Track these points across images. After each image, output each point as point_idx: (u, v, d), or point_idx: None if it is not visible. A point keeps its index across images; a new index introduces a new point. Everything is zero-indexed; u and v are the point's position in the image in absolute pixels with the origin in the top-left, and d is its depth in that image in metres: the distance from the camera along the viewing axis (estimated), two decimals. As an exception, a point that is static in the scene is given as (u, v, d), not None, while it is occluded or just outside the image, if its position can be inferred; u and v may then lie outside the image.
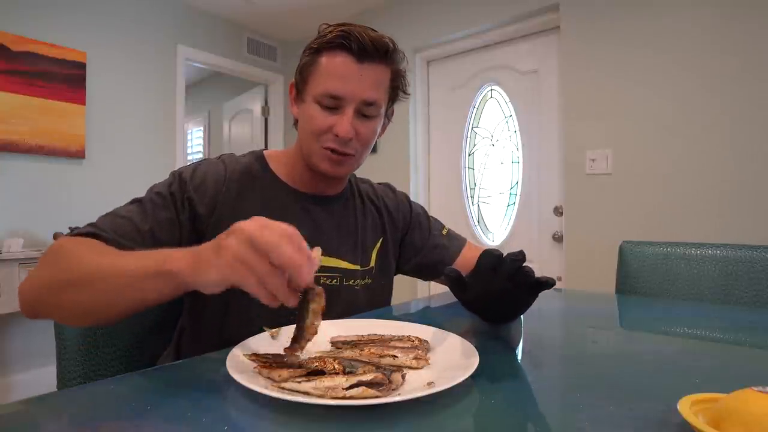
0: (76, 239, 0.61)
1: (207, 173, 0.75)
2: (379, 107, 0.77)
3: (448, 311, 0.89)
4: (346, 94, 0.72)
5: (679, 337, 0.70)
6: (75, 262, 0.55)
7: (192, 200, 0.71)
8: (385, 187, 0.98)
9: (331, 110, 0.74)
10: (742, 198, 1.82)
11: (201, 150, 4.80)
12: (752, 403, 0.31)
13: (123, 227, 0.65)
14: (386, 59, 0.75)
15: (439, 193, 2.96)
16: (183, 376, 0.48)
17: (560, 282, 2.38)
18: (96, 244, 0.60)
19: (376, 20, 3.10)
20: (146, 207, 0.70)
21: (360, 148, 0.77)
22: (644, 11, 2.06)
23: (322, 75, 0.73)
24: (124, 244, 0.63)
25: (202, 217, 0.72)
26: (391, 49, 0.75)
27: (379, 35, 0.74)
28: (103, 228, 0.64)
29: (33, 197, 2.41)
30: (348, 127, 0.72)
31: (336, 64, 0.72)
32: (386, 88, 0.78)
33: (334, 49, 0.73)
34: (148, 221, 0.68)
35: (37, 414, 0.40)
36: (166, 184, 0.73)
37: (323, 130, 0.74)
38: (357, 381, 0.39)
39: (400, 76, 0.80)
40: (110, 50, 2.73)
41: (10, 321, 2.32)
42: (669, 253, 1.15)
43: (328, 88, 0.72)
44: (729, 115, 1.85)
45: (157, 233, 0.68)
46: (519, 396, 0.44)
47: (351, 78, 0.72)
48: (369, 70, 0.73)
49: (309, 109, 0.75)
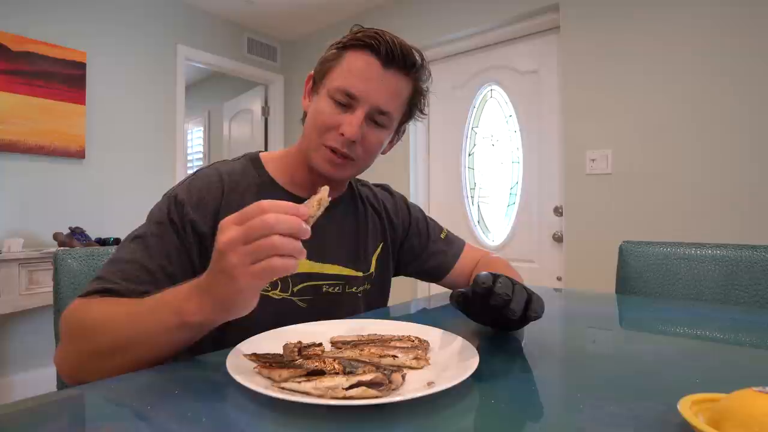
0: (92, 302, 0.59)
1: (202, 189, 0.71)
2: (392, 119, 0.74)
3: (448, 311, 0.88)
4: (362, 94, 0.70)
5: (679, 337, 0.70)
6: (101, 333, 0.54)
7: (194, 222, 0.68)
8: (383, 190, 0.97)
9: (343, 107, 0.71)
10: (742, 198, 1.82)
11: (201, 150, 4.80)
12: (752, 403, 0.31)
13: (132, 273, 0.62)
14: (411, 72, 0.73)
15: (439, 193, 2.96)
16: (183, 376, 0.48)
17: (560, 282, 2.38)
18: (113, 304, 0.57)
19: (376, 20, 3.10)
20: (149, 243, 0.66)
21: (363, 154, 0.74)
22: (644, 11, 2.06)
23: (343, 70, 0.71)
24: (139, 290, 0.60)
25: (206, 235, 0.68)
26: (419, 64, 0.73)
27: (409, 47, 0.72)
28: (113, 280, 0.61)
29: (33, 197, 2.41)
30: (356, 129, 0.70)
31: (359, 62, 0.70)
32: (404, 101, 0.75)
33: (362, 49, 0.70)
34: (155, 259, 0.64)
35: (37, 414, 0.40)
36: (163, 211, 0.69)
37: (330, 126, 0.71)
38: (357, 381, 0.39)
39: (421, 94, 0.78)
40: (110, 50, 2.73)
41: (10, 321, 2.31)
42: (669, 253, 1.15)
43: (346, 84, 0.70)
44: (729, 115, 1.85)
45: (167, 268, 0.65)
46: (519, 396, 0.44)
47: (371, 80, 0.70)
48: (391, 77, 0.71)
49: (321, 102, 0.73)
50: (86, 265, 0.81)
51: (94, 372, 0.51)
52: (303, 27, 3.47)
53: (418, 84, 0.76)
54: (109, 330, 0.53)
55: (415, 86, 0.75)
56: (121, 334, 0.52)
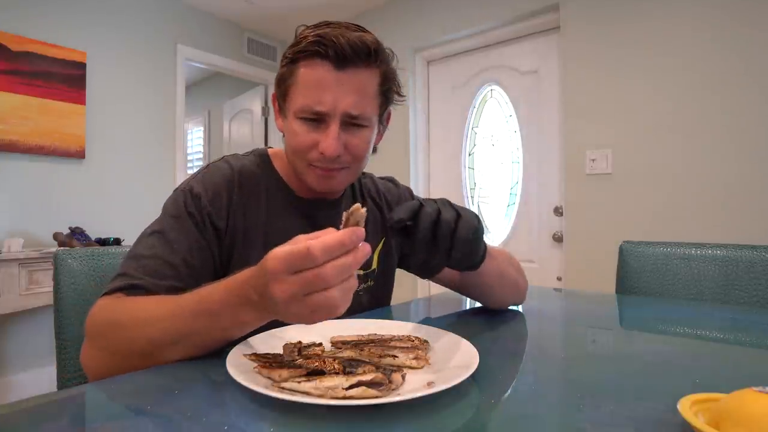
0: (121, 301, 0.58)
1: (217, 183, 0.71)
2: (369, 116, 0.70)
3: (448, 311, 0.89)
4: (328, 107, 0.66)
5: (679, 337, 0.70)
6: (139, 331, 0.53)
7: (211, 215, 0.68)
8: (387, 182, 0.95)
9: (314, 123, 0.67)
10: (742, 198, 1.82)
11: (201, 150, 4.80)
12: (752, 403, 0.31)
13: (154, 268, 0.62)
14: (370, 61, 0.67)
15: (439, 193, 2.96)
16: (183, 376, 0.48)
17: (560, 282, 2.38)
18: (147, 302, 0.57)
19: (376, 20, 3.10)
20: (169, 237, 0.65)
21: (352, 160, 0.71)
22: (644, 11, 2.06)
23: (300, 88, 0.67)
24: (163, 285, 0.61)
25: (221, 230, 0.69)
26: (374, 50, 0.67)
27: (358, 36, 0.65)
28: (136, 276, 0.61)
29: (33, 197, 2.41)
30: (334, 144, 0.66)
31: (313, 74, 0.65)
32: (375, 93, 0.70)
33: (311, 58, 0.65)
34: (177, 253, 0.64)
35: (37, 414, 0.40)
36: (179, 205, 0.68)
37: (308, 147, 0.68)
38: (357, 381, 0.39)
39: (391, 76, 0.72)
40: (110, 50, 2.73)
41: (10, 321, 2.31)
42: (669, 253, 1.15)
43: (308, 102, 0.66)
44: (729, 115, 1.85)
45: (189, 261, 0.65)
46: (519, 396, 0.44)
47: (331, 89, 0.65)
48: (351, 77, 0.65)
49: (292, 125, 0.69)
50: (86, 265, 0.80)
51: (126, 370, 0.51)
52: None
53: (382, 68, 0.70)
54: (149, 329, 0.53)
55: (380, 71, 0.70)
56: (165, 334, 0.52)
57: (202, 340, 0.52)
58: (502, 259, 0.77)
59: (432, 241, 0.55)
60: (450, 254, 0.56)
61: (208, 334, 0.51)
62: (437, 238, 0.54)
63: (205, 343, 0.52)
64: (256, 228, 0.73)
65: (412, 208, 0.54)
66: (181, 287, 0.58)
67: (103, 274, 0.81)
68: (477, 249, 0.61)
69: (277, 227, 0.74)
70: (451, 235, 0.55)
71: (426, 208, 0.54)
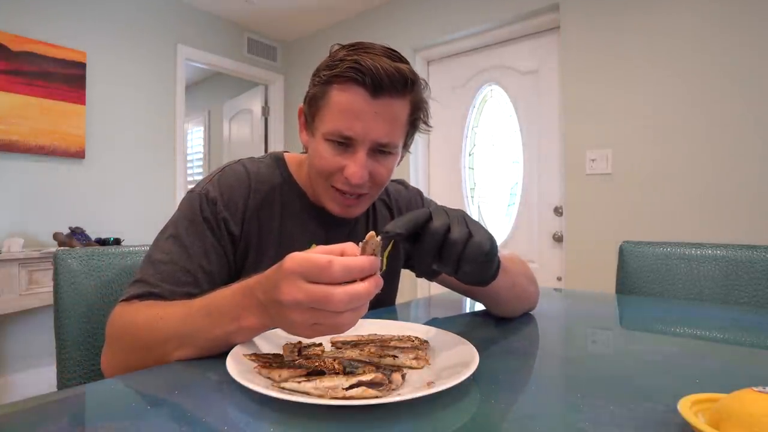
0: (138, 307, 0.59)
1: (233, 187, 0.71)
2: (396, 144, 0.69)
3: (448, 311, 0.89)
4: (358, 135, 0.65)
5: (679, 337, 0.70)
6: (153, 332, 0.55)
7: (226, 220, 0.69)
8: (397, 184, 0.95)
9: (342, 146, 0.67)
10: (742, 198, 1.82)
11: (201, 150, 4.80)
12: (752, 403, 0.31)
13: (171, 274, 0.63)
14: (405, 91, 0.67)
15: (439, 193, 2.95)
16: (183, 376, 0.48)
17: (560, 282, 2.38)
18: (162, 306, 0.58)
19: (376, 20, 3.10)
20: (185, 242, 0.65)
21: (374, 187, 0.71)
22: (644, 11, 2.06)
23: (333, 112, 0.66)
24: (180, 291, 0.62)
25: (236, 235, 0.70)
26: (410, 81, 0.66)
27: (395, 66, 0.64)
28: (154, 283, 0.62)
29: (33, 197, 2.41)
30: (361, 172, 0.66)
31: (347, 99, 0.65)
32: (404, 122, 0.69)
33: (346, 82, 0.64)
34: (193, 259, 0.65)
35: (37, 414, 0.40)
36: (194, 209, 0.68)
37: (333, 170, 0.68)
38: (357, 381, 0.39)
39: (421, 107, 0.72)
40: (110, 50, 2.73)
41: (10, 321, 2.31)
42: (669, 253, 1.15)
43: (339, 127, 0.65)
44: (729, 115, 1.85)
45: (206, 267, 0.65)
46: (519, 396, 0.44)
47: (364, 116, 0.64)
48: (384, 106, 0.65)
49: (319, 145, 0.68)
50: (86, 265, 0.80)
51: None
52: (303, 27, 3.47)
53: (415, 98, 0.70)
54: (162, 333, 0.54)
55: (411, 101, 0.69)
56: (175, 335, 0.53)
57: (206, 340, 0.52)
58: (515, 271, 0.74)
59: (437, 257, 0.52)
60: (456, 272, 0.53)
61: (210, 333, 0.51)
62: (443, 258, 0.52)
63: (208, 343, 0.52)
64: (270, 234, 0.73)
65: (415, 221, 0.50)
66: (198, 293, 0.59)
67: (103, 274, 0.81)
68: (487, 270, 0.58)
69: (292, 233, 0.75)
70: (458, 257, 0.51)
71: (434, 223, 0.51)
